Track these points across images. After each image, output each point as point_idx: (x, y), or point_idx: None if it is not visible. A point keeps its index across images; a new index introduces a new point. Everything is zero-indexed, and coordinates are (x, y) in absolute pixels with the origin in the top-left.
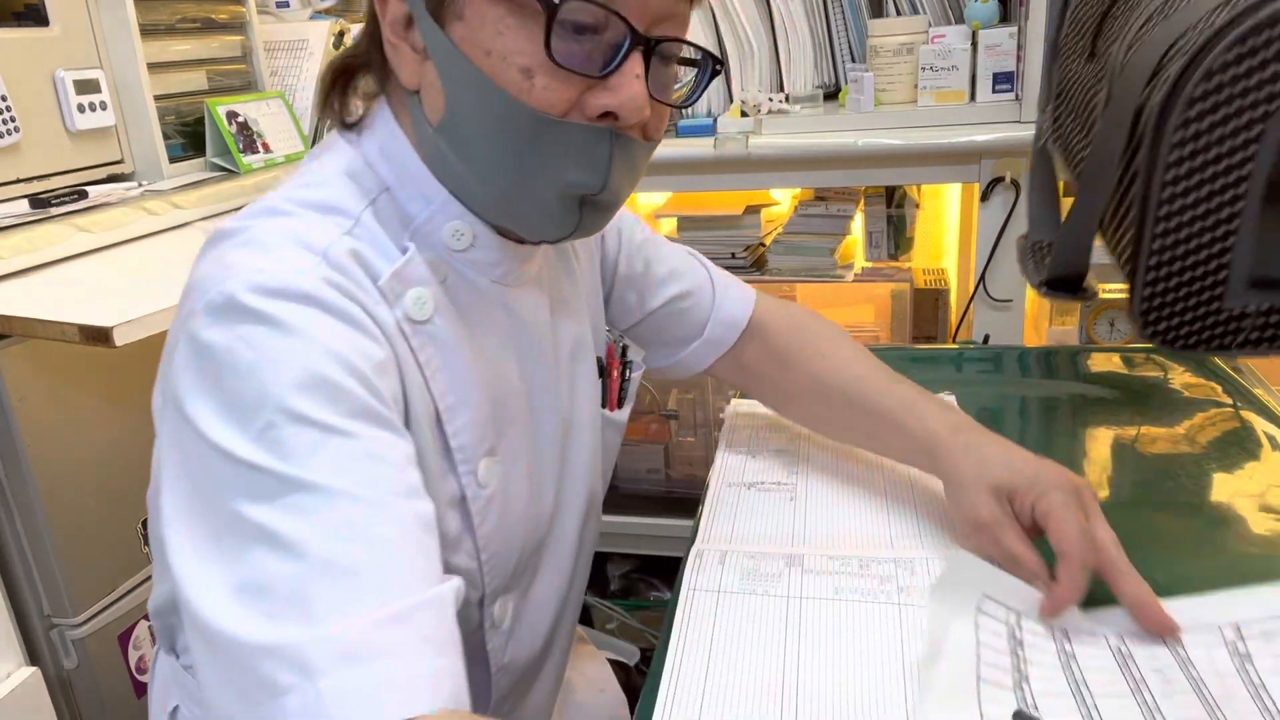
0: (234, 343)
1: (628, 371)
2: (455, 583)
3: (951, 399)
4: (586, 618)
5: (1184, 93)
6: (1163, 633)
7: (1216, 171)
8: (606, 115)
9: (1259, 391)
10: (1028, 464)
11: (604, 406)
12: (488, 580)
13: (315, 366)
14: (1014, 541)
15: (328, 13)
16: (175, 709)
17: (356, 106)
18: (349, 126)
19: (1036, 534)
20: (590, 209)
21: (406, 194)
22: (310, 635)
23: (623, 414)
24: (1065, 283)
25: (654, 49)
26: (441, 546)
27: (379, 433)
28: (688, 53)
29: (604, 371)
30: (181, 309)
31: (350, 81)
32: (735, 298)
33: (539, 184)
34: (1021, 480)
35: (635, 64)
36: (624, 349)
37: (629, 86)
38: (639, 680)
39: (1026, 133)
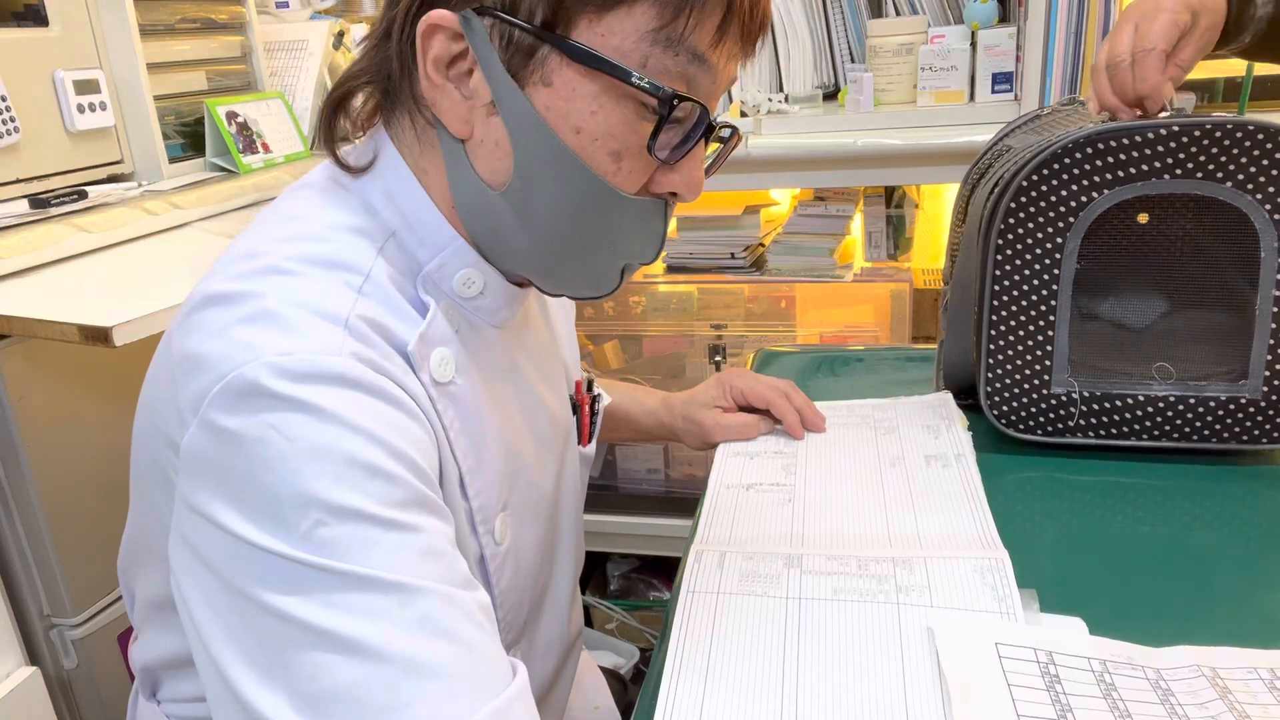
0: (266, 432)
1: (596, 405)
2: (522, 666)
3: (948, 396)
4: (586, 618)
5: (1001, 205)
6: (815, 428)
7: (1032, 271)
8: (667, 192)
9: None
10: (715, 380)
11: (578, 443)
12: (504, 635)
13: (360, 455)
14: (740, 417)
15: (327, 13)
16: None
17: (346, 129)
18: (351, 169)
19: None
20: (629, 272)
21: (415, 239)
22: None
23: (592, 448)
24: (962, 391)
25: (711, 131)
26: None
27: (431, 521)
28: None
29: (576, 408)
30: (177, 385)
31: (348, 105)
32: None
33: (598, 254)
34: (729, 385)
35: (702, 148)
36: (590, 383)
37: (696, 170)
38: (634, 693)
39: None
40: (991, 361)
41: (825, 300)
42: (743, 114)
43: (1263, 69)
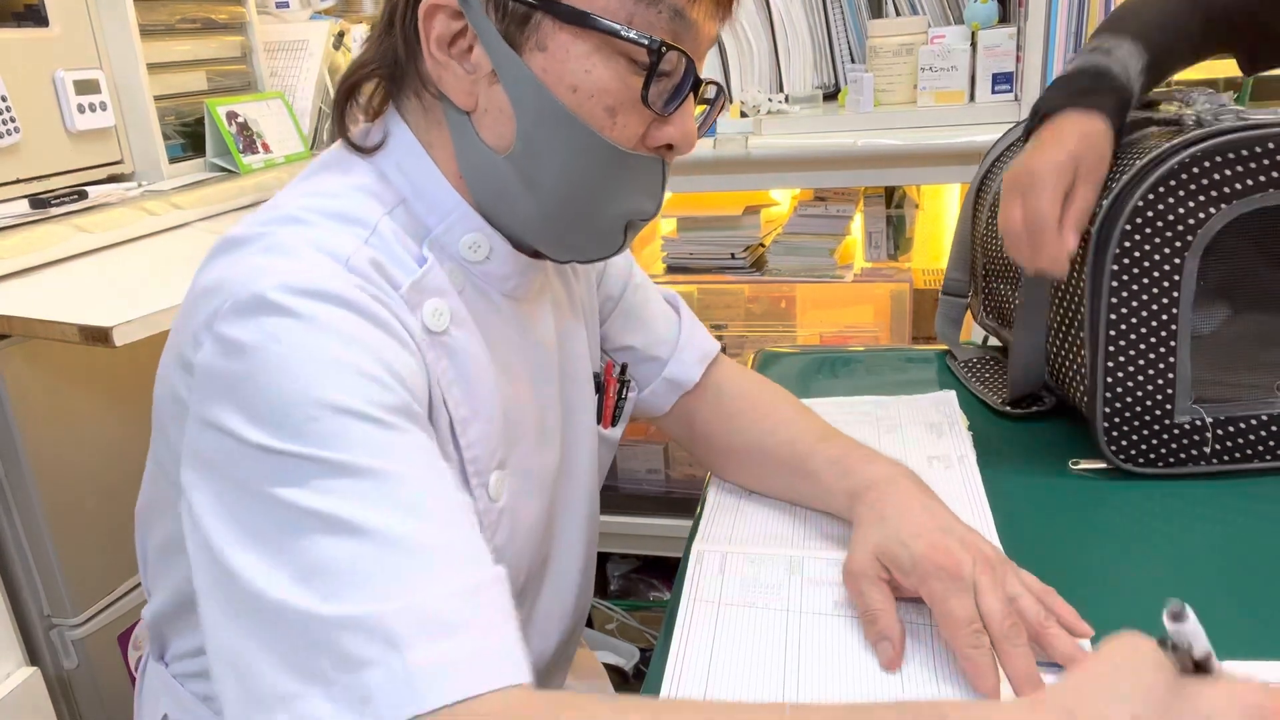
0: (265, 339)
1: (625, 390)
2: (502, 567)
3: (951, 396)
4: (586, 618)
5: (1116, 228)
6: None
7: (1150, 296)
8: (663, 146)
9: None
10: (915, 540)
11: (599, 423)
12: None
13: (354, 361)
14: (875, 599)
15: (327, 13)
16: (164, 717)
17: (359, 118)
18: (365, 149)
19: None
20: (632, 230)
21: (424, 206)
22: (391, 607)
23: (617, 431)
24: (1024, 399)
25: (699, 86)
26: None
27: (419, 432)
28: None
29: (600, 387)
30: (194, 313)
31: (357, 94)
32: (700, 343)
33: (602, 212)
34: (903, 560)
35: (692, 101)
36: (623, 367)
37: (689, 122)
38: (635, 689)
39: None
40: (1110, 395)
41: (825, 300)
42: (743, 114)
43: None
